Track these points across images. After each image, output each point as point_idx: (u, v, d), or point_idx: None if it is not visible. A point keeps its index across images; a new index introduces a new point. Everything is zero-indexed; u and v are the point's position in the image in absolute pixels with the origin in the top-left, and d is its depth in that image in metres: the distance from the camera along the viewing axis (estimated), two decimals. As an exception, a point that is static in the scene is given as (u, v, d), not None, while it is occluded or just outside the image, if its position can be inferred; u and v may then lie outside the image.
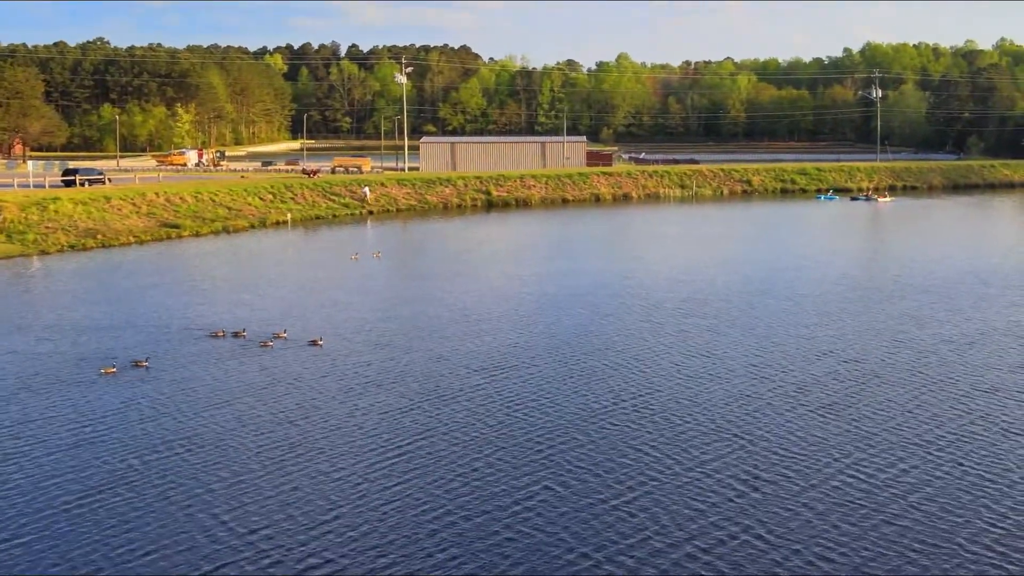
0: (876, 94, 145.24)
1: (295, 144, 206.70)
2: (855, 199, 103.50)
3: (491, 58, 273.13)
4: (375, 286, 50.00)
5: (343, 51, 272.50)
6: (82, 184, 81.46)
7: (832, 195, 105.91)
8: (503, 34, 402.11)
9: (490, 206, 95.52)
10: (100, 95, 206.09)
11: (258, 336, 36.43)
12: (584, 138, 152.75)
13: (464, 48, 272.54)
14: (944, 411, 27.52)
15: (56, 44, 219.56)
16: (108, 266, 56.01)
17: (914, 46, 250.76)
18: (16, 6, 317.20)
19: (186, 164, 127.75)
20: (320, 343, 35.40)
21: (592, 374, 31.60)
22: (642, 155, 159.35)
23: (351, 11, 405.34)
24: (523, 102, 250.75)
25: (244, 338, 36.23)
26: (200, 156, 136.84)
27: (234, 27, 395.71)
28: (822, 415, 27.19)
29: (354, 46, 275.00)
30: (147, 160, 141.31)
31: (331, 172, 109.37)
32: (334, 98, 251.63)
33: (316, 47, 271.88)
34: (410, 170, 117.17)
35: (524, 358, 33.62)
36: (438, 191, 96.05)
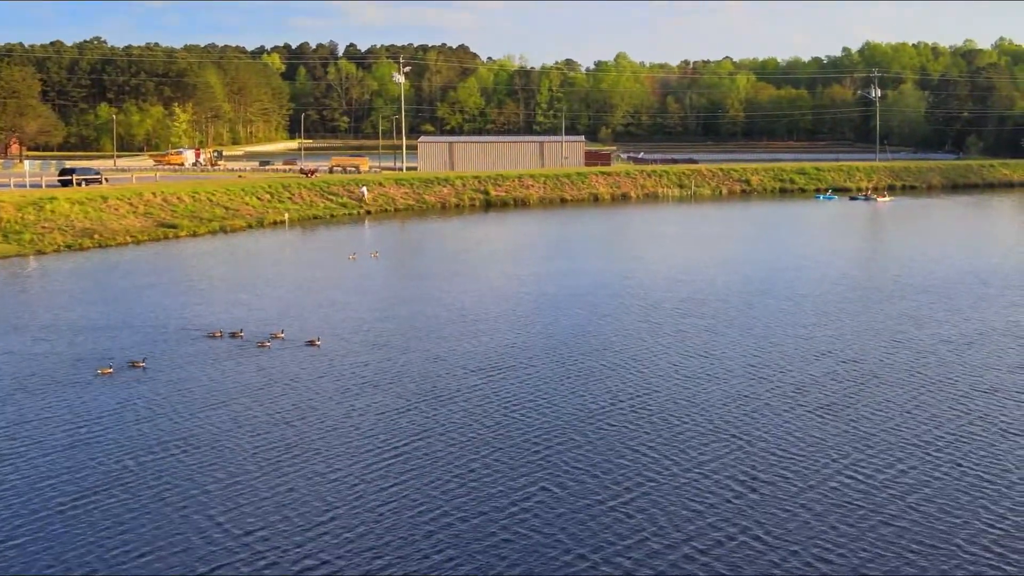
0: (875, 94, 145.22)
1: (293, 144, 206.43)
2: (854, 199, 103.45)
3: (489, 58, 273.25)
4: (373, 286, 49.92)
5: (341, 51, 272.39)
6: (79, 184, 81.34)
7: (831, 195, 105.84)
8: (503, 34, 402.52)
9: (488, 206, 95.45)
10: (97, 94, 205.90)
11: (255, 336, 36.33)
12: (582, 138, 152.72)
13: (462, 47, 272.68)
14: (943, 411, 27.46)
15: (53, 43, 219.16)
16: (105, 266, 55.91)
17: (913, 46, 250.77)
18: (15, 6, 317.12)
19: (183, 164, 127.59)
20: (318, 343, 35.29)
21: (590, 374, 31.52)
22: (640, 155, 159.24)
23: (351, 11, 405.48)
24: (521, 102, 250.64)
25: (241, 338, 36.13)
26: (197, 156, 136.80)
27: (234, 27, 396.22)
28: (820, 415, 27.12)
29: (352, 45, 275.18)
30: (144, 160, 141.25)
31: (329, 172, 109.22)
32: (332, 97, 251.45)
33: (314, 46, 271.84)
34: (408, 170, 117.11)
35: (522, 358, 33.54)
36: (436, 191, 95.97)
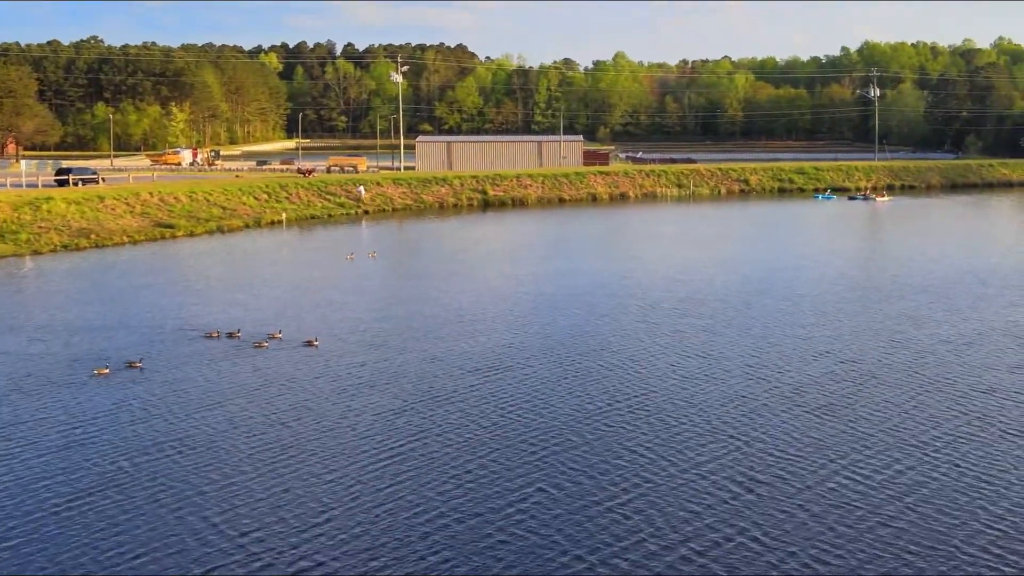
0: (874, 93, 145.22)
1: (290, 143, 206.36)
2: (853, 198, 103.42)
3: (488, 57, 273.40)
4: (370, 286, 49.82)
5: (339, 50, 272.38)
6: (75, 184, 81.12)
7: (830, 194, 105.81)
8: (501, 33, 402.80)
9: (486, 206, 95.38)
10: (94, 94, 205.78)
11: (253, 337, 36.21)
12: (581, 137, 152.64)
13: (460, 47, 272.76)
14: (942, 412, 27.38)
15: (50, 43, 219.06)
16: (102, 266, 55.78)
17: (912, 45, 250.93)
18: (13, 5, 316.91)
19: (180, 163, 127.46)
20: (315, 344, 35.17)
21: (588, 375, 31.43)
22: (639, 154, 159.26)
23: (350, 11, 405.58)
24: (519, 101, 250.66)
25: (239, 338, 36.00)
26: (195, 155, 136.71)
27: (231, 27, 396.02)
28: (819, 416, 27.04)
29: (350, 45, 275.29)
30: (141, 159, 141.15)
31: (326, 171, 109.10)
32: (329, 97, 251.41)
33: (312, 46, 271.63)
34: (406, 169, 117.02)
35: (519, 358, 33.45)
36: (434, 190, 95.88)
